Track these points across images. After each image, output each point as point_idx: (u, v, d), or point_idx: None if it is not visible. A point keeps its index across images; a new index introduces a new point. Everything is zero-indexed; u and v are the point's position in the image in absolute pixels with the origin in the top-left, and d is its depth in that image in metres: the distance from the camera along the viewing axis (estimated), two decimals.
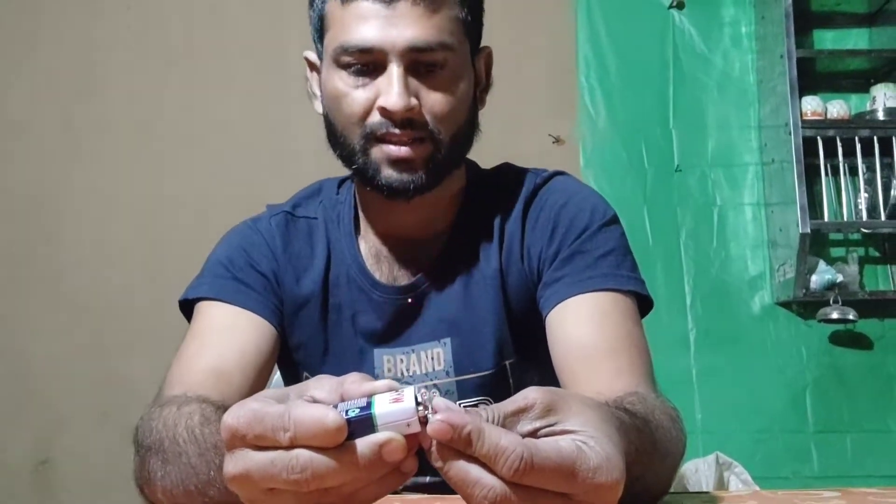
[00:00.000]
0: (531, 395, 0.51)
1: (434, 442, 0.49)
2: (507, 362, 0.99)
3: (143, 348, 2.32)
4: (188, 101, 2.53)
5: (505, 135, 2.11)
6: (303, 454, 0.49)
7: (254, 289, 0.99)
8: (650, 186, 2.53)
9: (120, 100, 2.53)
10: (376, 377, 0.98)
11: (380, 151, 0.92)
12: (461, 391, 0.99)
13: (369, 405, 0.50)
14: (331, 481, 0.49)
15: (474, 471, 0.48)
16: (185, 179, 2.49)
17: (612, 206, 1.03)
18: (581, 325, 0.91)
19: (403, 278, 1.01)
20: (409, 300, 1.00)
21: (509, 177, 1.05)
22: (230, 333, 0.95)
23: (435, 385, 0.99)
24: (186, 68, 2.55)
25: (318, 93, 1.00)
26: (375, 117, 0.91)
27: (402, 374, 0.99)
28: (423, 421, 0.50)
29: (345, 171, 1.05)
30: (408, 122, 0.90)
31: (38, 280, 2.46)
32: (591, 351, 0.89)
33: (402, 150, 0.91)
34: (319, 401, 0.52)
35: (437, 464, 0.50)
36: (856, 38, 2.63)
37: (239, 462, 0.51)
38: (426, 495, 1.00)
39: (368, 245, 1.03)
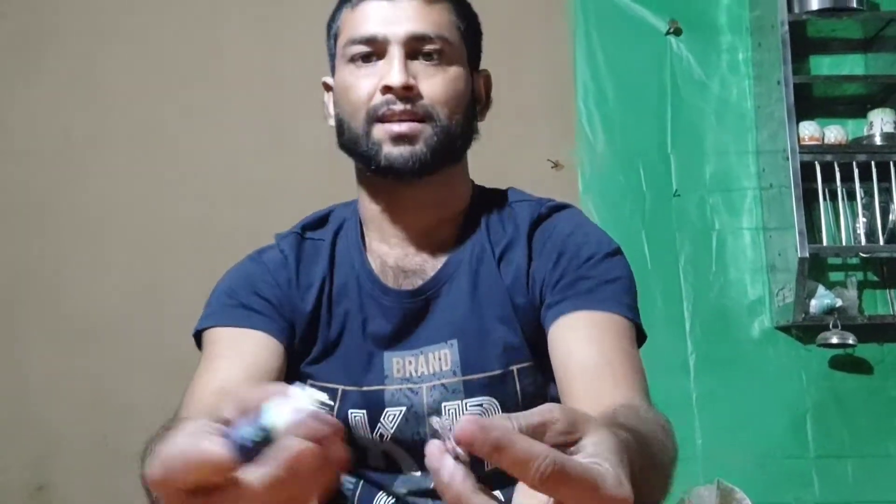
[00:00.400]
0: (555, 411, 0.51)
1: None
2: (514, 367, 1.02)
3: (142, 371, 2.32)
4: (191, 121, 2.54)
5: (503, 159, 2.12)
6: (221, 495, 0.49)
7: (258, 311, 1.02)
8: (649, 211, 2.54)
9: (122, 121, 2.54)
10: (385, 378, 1.02)
11: (381, 130, 0.98)
12: (468, 391, 1.01)
13: (263, 415, 0.50)
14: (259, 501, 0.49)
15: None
16: (187, 202, 2.49)
17: (611, 231, 1.08)
18: (580, 340, 0.95)
19: (409, 285, 1.04)
20: (417, 303, 1.03)
21: (515, 201, 1.09)
22: (236, 353, 0.99)
23: (450, 387, 1.00)
24: (189, 89, 2.56)
25: (332, 112, 1.07)
26: (378, 98, 0.98)
27: (411, 374, 1.02)
28: (456, 456, 0.48)
29: (349, 196, 1.09)
30: (408, 101, 0.97)
31: (37, 302, 2.45)
32: (588, 364, 0.92)
33: (402, 126, 0.97)
34: (228, 419, 0.52)
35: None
36: (852, 64, 2.65)
37: None
38: (430, 499, 1.02)
39: (374, 255, 1.06)
